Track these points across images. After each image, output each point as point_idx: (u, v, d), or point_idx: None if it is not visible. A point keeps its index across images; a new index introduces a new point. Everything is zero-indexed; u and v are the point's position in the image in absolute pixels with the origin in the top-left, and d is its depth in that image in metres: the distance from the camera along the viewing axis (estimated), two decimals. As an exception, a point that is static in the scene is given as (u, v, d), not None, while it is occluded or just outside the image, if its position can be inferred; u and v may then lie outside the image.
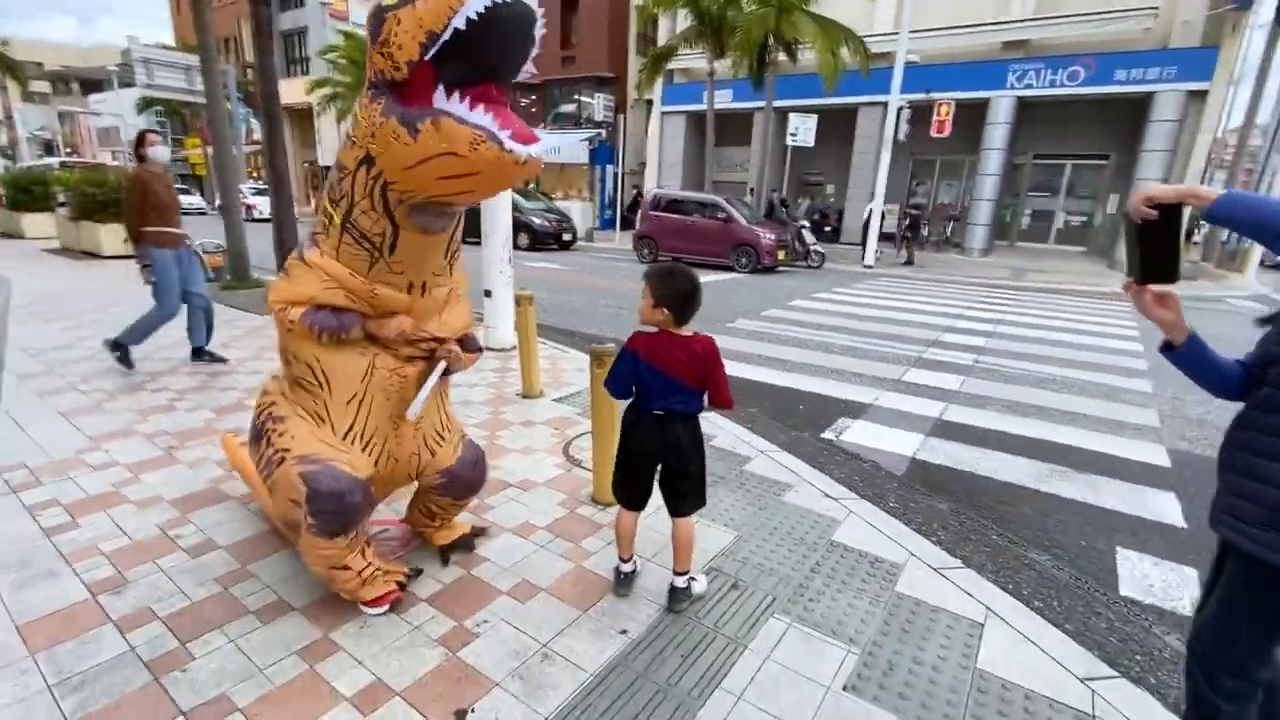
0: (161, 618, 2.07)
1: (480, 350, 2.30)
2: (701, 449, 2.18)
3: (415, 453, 2.20)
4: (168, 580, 2.26)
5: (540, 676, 1.88)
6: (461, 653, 1.96)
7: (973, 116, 16.82)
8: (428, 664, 1.91)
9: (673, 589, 2.23)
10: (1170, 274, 1.32)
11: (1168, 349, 1.43)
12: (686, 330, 2.08)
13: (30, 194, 14.41)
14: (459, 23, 1.46)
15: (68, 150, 44.42)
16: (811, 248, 14.27)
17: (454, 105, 1.56)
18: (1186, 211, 1.30)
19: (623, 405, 2.26)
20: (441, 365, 2.13)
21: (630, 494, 2.23)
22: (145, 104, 33.05)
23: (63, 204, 12.51)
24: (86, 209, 11.36)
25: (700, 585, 2.30)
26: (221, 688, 1.79)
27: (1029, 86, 16.08)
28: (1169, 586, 2.66)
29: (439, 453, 2.26)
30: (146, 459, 3.25)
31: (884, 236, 17.31)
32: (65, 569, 2.31)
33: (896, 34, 14.48)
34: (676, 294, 2.01)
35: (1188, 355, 1.39)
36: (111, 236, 11.30)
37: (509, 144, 1.55)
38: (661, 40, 20.49)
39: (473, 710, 1.74)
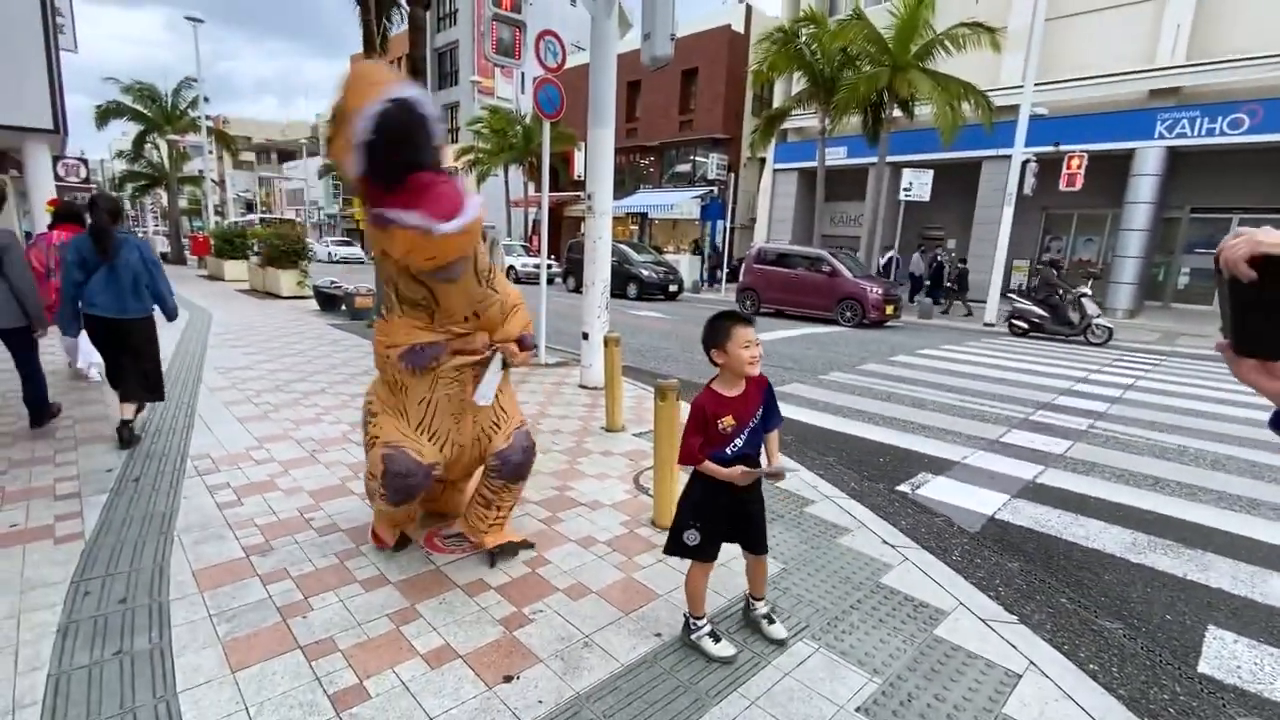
0: (293, 577, 2.58)
1: (534, 348, 2.70)
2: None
3: (476, 438, 2.67)
4: (300, 550, 2.81)
5: (579, 660, 2.15)
6: (517, 632, 2.28)
7: (1114, 168, 15.68)
8: (488, 637, 2.24)
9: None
10: (1275, 349, 0.96)
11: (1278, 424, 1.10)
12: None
13: (232, 245, 17.44)
14: (359, 146, 1.84)
15: (263, 209, 52.74)
16: (1094, 321, 11.43)
17: (391, 211, 1.91)
18: None
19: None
20: (499, 358, 2.59)
21: None
22: (325, 170, 38.61)
23: (256, 253, 15.03)
24: (272, 257, 13.58)
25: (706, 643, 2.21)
26: (329, 633, 2.22)
27: (1181, 136, 14.78)
28: (1260, 670, 2.42)
29: (495, 438, 2.70)
30: (296, 458, 3.96)
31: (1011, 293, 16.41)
32: (229, 534, 2.93)
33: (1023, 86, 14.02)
34: None
35: None
36: (289, 280, 13.38)
37: (437, 229, 1.88)
38: (776, 102, 21.14)
39: (517, 678, 2.04)
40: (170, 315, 4.40)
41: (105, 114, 23.38)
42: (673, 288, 17.26)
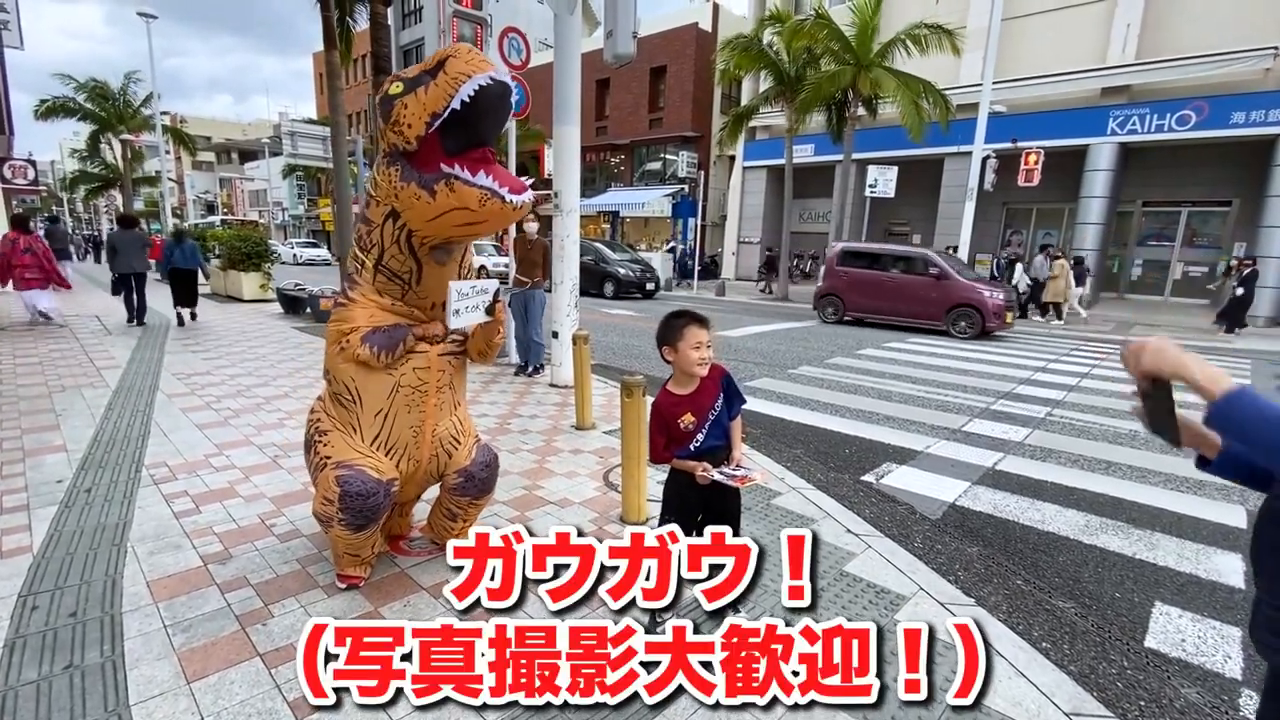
0: (253, 585, 2.53)
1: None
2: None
3: (434, 455, 2.55)
4: (261, 557, 2.75)
5: (545, 657, 2.15)
6: (482, 632, 2.27)
7: (1070, 164, 16.19)
8: (453, 638, 2.23)
9: None
10: (1168, 436, 1.14)
11: (1203, 464, 1.19)
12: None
13: (192, 247, 16.90)
14: (455, 104, 1.96)
15: (225, 210, 51.28)
16: None
17: (459, 171, 2.03)
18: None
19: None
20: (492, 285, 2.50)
21: None
22: (289, 170, 37.69)
23: (217, 256, 14.61)
24: (233, 260, 13.21)
25: None
26: (290, 639, 2.19)
27: (1132, 132, 15.32)
28: (1203, 643, 2.54)
29: (455, 454, 2.60)
30: (257, 464, 3.87)
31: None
32: (187, 543, 2.85)
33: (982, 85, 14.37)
34: None
35: (1223, 465, 1.15)
36: (252, 283, 13.04)
37: (509, 197, 2.04)
38: (745, 100, 21.32)
39: (483, 677, 2.03)
40: (205, 274, 10.04)
41: (50, 110, 22.49)
42: (649, 285, 17.24)
